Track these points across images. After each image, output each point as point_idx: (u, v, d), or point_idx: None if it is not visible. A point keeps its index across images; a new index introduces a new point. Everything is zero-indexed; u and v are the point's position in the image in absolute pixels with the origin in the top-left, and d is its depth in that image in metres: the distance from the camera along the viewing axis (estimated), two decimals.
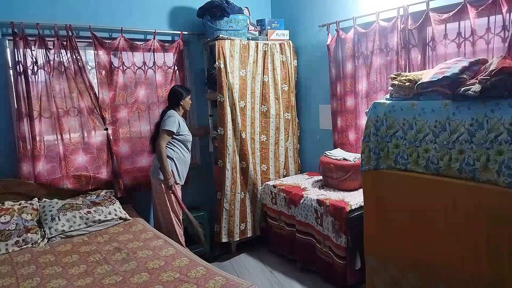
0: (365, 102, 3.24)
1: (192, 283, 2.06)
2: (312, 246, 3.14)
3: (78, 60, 3.10)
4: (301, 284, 3.07)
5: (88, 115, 3.22)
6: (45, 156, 3.05)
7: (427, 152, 2.18)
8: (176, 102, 3.20)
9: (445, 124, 2.08)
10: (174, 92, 3.23)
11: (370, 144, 2.45)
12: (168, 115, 3.11)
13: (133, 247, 2.60)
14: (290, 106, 3.89)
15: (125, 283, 2.11)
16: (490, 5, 2.36)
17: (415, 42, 2.82)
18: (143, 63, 3.47)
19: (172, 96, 3.23)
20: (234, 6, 3.52)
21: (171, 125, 3.05)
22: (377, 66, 3.10)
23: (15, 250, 2.60)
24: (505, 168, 1.83)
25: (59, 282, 2.17)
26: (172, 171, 3.10)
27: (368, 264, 2.59)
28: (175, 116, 3.12)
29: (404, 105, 2.28)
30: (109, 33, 3.35)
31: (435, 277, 2.19)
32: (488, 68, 2.00)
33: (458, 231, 2.05)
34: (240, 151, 3.58)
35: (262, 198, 3.66)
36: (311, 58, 3.85)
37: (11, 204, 2.83)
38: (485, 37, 2.44)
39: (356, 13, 3.24)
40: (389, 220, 2.41)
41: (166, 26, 3.62)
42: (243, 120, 3.57)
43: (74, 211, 2.92)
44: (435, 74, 2.13)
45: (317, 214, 3.00)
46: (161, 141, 3.03)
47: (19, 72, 2.89)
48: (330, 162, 3.21)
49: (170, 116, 3.10)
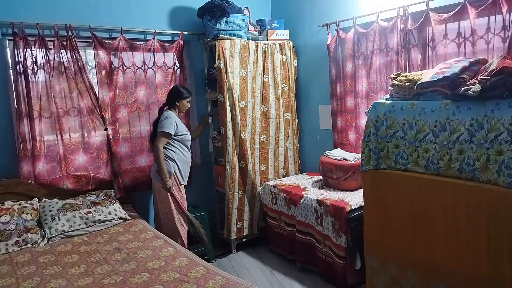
0: (365, 102, 3.24)
1: (192, 283, 2.06)
2: (312, 246, 3.14)
3: (78, 60, 3.10)
4: (301, 284, 3.07)
5: (88, 115, 3.22)
6: (45, 156, 3.05)
7: (427, 152, 2.18)
8: (173, 102, 3.17)
9: (445, 124, 2.08)
10: (174, 91, 3.20)
11: (370, 144, 2.45)
12: (165, 116, 3.07)
13: (133, 247, 2.60)
14: (290, 106, 3.89)
15: (125, 283, 2.11)
16: (490, 5, 2.36)
17: (415, 42, 2.82)
18: (143, 63, 3.47)
19: (170, 94, 3.21)
20: (234, 6, 3.52)
21: (169, 127, 3.01)
22: (377, 66, 3.10)
23: (15, 250, 2.60)
24: (505, 168, 1.83)
25: (59, 282, 2.17)
26: (175, 172, 3.08)
27: (368, 264, 2.59)
28: (172, 116, 3.08)
29: (404, 105, 2.28)
30: (109, 33, 3.35)
31: (435, 277, 2.19)
32: (488, 68, 2.00)
33: (458, 231, 2.05)
34: (240, 151, 3.58)
35: (262, 198, 3.66)
36: (311, 58, 3.85)
37: (11, 204, 2.83)
38: (485, 37, 2.44)
39: (356, 13, 3.24)
40: (389, 220, 2.41)
41: (166, 26, 3.62)
42: (243, 120, 3.57)
43: (74, 211, 2.92)
44: (435, 74, 2.13)
45: (317, 214, 3.00)
46: (158, 143, 3.00)
47: (19, 72, 2.89)
48: (330, 162, 3.21)
49: (166, 118, 3.06)
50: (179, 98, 3.16)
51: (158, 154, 2.98)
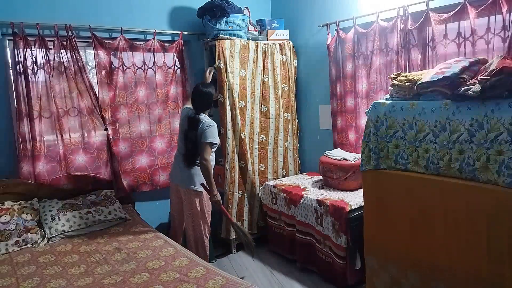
0: (365, 102, 3.24)
1: (192, 283, 2.06)
2: (312, 246, 3.14)
3: (78, 60, 3.10)
4: (301, 284, 3.07)
5: (88, 115, 3.22)
6: (45, 156, 3.05)
7: (427, 152, 2.18)
8: (208, 105, 2.87)
9: (445, 124, 2.07)
10: (206, 94, 2.83)
11: (370, 144, 2.45)
12: (207, 125, 2.77)
13: (133, 247, 2.60)
14: (290, 106, 3.89)
15: (125, 283, 2.11)
16: (490, 5, 2.36)
17: (415, 42, 2.82)
18: (143, 63, 3.47)
19: (203, 98, 2.84)
20: (234, 6, 3.52)
21: (216, 137, 2.78)
22: (377, 66, 3.10)
23: (15, 250, 2.60)
24: (505, 168, 1.83)
25: (59, 282, 2.17)
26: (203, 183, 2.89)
27: (368, 264, 2.59)
28: (214, 124, 2.80)
29: (404, 105, 2.28)
30: (109, 33, 3.35)
31: (435, 277, 2.19)
32: (488, 68, 2.00)
33: (458, 231, 2.05)
34: (239, 150, 3.58)
35: (262, 198, 3.66)
36: (311, 58, 3.85)
37: (11, 204, 2.83)
38: (485, 37, 2.44)
39: (356, 13, 3.24)
40: (389, 220, 2.41)
41: (166, 26, 3.62)
42: (243, 120, 3.57)
43: (74, 211, 2.92)
44: (435, 74, 2.13)
45: (317, 214, 3.00)
46: (206, 155, 2.72)
47: (19, 72, 2.89)
48: (330, 162, 3.21)
49: (210, 126, 2.77)
50: (210, 104, 2.92)
51: (208, 167, 2.72)
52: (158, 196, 3.71)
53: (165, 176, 3.60)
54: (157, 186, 3.60)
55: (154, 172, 3.57)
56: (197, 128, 2.79)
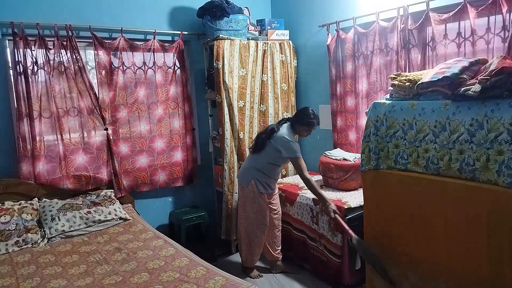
0: (365, 102, 3.24)
1: (192, 283, 2.06)
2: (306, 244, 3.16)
3: (78, 60, 3.10)
4: (301, 284, 3.07)
5: (88, 115, 3.22)
6: (45, 156, 3.05)
7: (427, 152, 2.18)
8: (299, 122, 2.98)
9: (445, 124, 2.08)
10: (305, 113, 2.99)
11: (370, 144, 2.45)
12: (285, 141, 2.90)
13: (133, 247, 2.60)
14: (289, 105, 3.89)
15: (125, 283, 2.11)
16: (490, 5, 2.36)
17: (415, 42, 2.82)
18: (143, 63, 3.47)
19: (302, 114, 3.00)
20: (234, 6, 3.52)
21: (299, 150, 2.96)
22: (377, 66, 3.10)
23: (15, 250, 2.60)
24: (505, 168, 1.83)
25: (59, 282, 2.16)
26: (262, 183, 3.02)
27: (368, 264, 2.59)
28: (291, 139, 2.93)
29: (404, 105, 2.28)
30: (109, 33, 3.35)
31: (435, 277, 2.19)
32: (488, 68, 2.00)
33: (458, 231, 2.05)
34: (238, 150, 3.58)
35: None
36: (311, 58, 3.85)
37: (11, 204, 2.83)
38: (485, 37, 2.44)
39: (356, 13, 3.24)
40: (389, 220, 2.41)
41: (166, 26, 3.62)
42: (241, 120, 3.57)
43: (74, 211, 2.91)
44: (435, 74, 2.13)
45: (313, 213, 3.01)
46: (304, 171, 2.88)
47: (19, 72, 2.89)
48: (330, 162, 3.21)
49: (289, 141, 2.91)
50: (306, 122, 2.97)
51: (312, 184, 2.83)
52: (158, 196, 3.71)
53: (164, 176, 3.61)
54: (157, 186, 3.60)
55: (154, 172, 3.57)
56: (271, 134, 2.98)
